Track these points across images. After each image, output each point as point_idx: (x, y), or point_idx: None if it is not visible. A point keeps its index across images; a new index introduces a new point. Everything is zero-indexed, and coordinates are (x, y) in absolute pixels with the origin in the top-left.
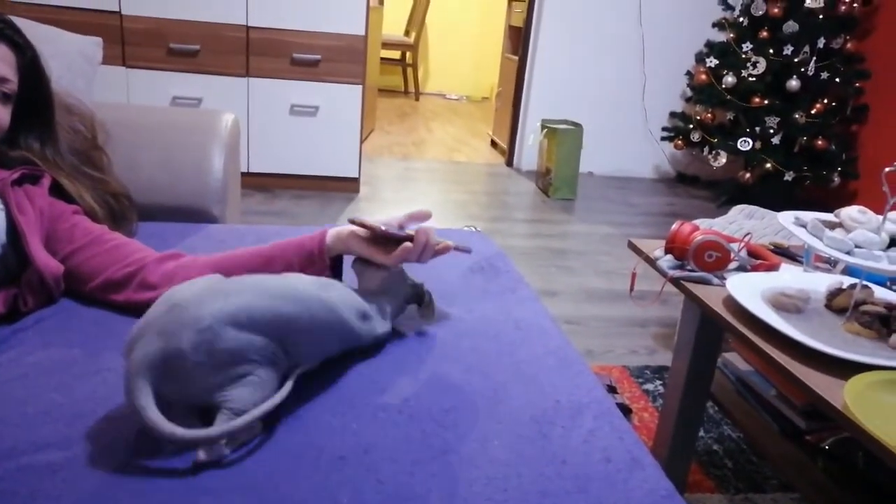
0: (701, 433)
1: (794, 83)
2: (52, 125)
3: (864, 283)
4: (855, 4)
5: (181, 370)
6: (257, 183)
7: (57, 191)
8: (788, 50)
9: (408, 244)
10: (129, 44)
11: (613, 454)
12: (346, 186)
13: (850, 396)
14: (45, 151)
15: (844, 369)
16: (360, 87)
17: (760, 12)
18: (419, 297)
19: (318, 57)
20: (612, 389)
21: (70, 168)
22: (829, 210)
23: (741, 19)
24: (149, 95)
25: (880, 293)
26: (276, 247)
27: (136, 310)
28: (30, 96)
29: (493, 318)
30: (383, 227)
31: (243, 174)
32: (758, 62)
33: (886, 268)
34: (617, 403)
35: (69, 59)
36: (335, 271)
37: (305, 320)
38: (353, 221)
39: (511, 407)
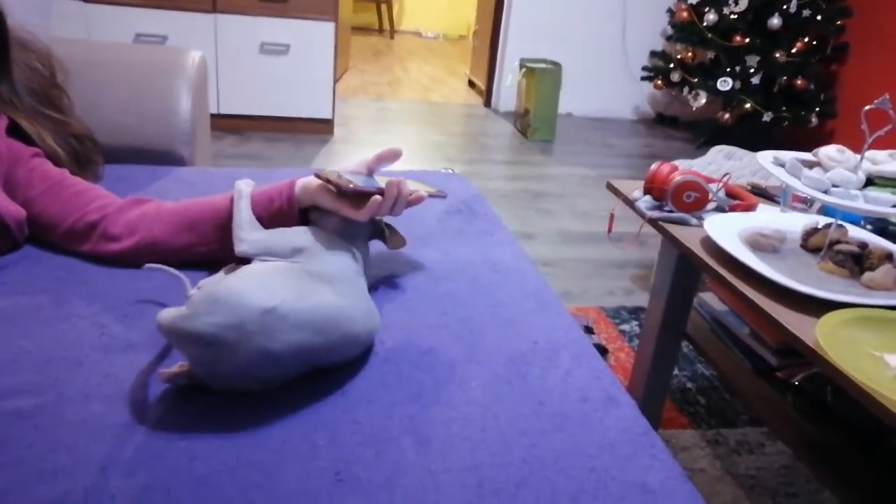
0: (675, 371)
1: (775, 21)
2: (8, 62)
3: (839, 222)
4: None
5: (227, 359)
6: (228, 125)
7: (15, 133)
8: None
9: (377, 197)
10: None
11: (590, 393)
12: (320, 128)
13: (821, 333)
14: (0, 91)
15: (817, 307)
16: (333, 24)
17: None
18: (380, 231)
19: None
20: (588, 330)
21: (29, 108)
22: (808, 150)
23: None
24: (110, 32)
25: (854, 232)
26: None
27: (102, 259)
28: None
29: (470, 260)
30: (351, 185)
31: (213, 116)
32: None
33: (862, 206)
34: (594, 344)
35: None
36: (305, 222)
37: (333, 355)
38: (318, 176)
39: (488, 348)
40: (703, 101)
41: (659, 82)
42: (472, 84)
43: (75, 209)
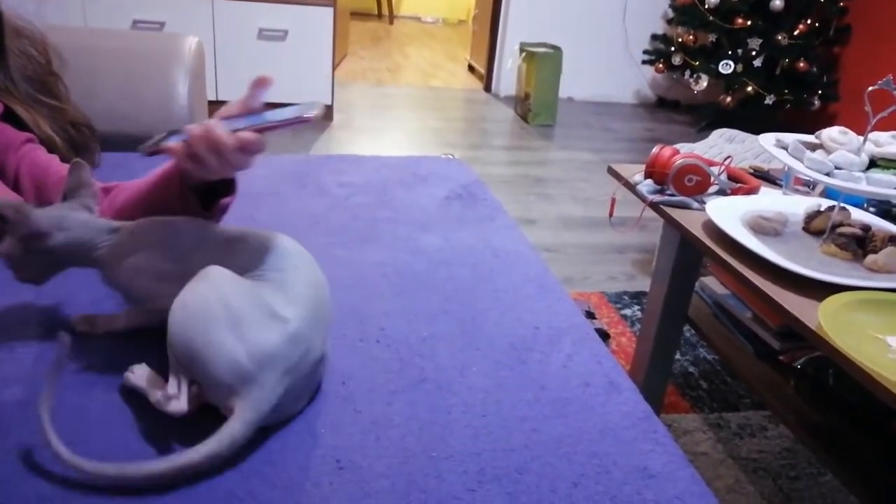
0: (677, 356)
1: (777, 3)
2: (3, 49)
3: (842, 205)
4: None
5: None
6: None
7: (12, 119)
8: None
9: (173, 144)
10: None
11: (591, 378)
12: None
13: (824, 316)
14: None
15: (820, 290)
16: (332, 9)
17: None
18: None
19: None
20: (590, 315)
21: (24, 96)
22: (810, 133)
23: None
24: (107, 18)
25: (857, 215)
26: (157, 189)
27: None
28: None
29: (471, 246)
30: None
31: (211, 102)
32: None
33: (865, 189)
34: (595, 329)
35: None
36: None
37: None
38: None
39: (489, 334)
40: (705, 84)
41: (660, 66)
42: (472, 69)
43: (56, 197)
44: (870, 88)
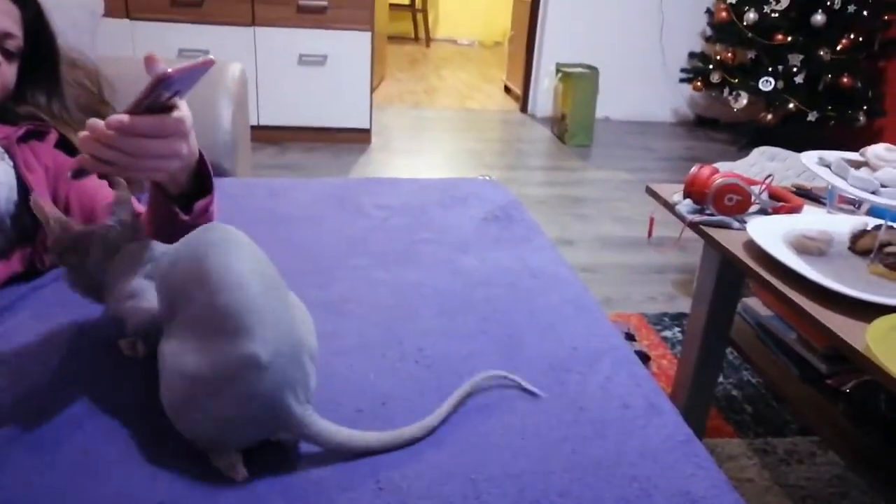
0: (720, 379)
1: (819, 18)
2: (59, 80)
3: (890, 223)
4: None
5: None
6: (267, 136)
7: (64, 147)
8: None
9: (83, 157)
10: None
11: (631, 400)
12: (358, 137)
13: (873, 339)
14: (51, 107)
15: (868, 312)
16: (369, 33)
17: None
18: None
19: (325, 3)
20: (629, 337)
21: (78, 124)
22: (855, 150)
23: None
24: (154, 48)
25: None
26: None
27: None
28: (35, 51)
29: (508, 267)
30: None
31: (253, 127)
32: None
33: None
34: (635, 351)
35: (70, 12)
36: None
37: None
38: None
39: (528, 355)
40: (745, 101)
41: (698, 84)
42: (508, 90)
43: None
44: None
